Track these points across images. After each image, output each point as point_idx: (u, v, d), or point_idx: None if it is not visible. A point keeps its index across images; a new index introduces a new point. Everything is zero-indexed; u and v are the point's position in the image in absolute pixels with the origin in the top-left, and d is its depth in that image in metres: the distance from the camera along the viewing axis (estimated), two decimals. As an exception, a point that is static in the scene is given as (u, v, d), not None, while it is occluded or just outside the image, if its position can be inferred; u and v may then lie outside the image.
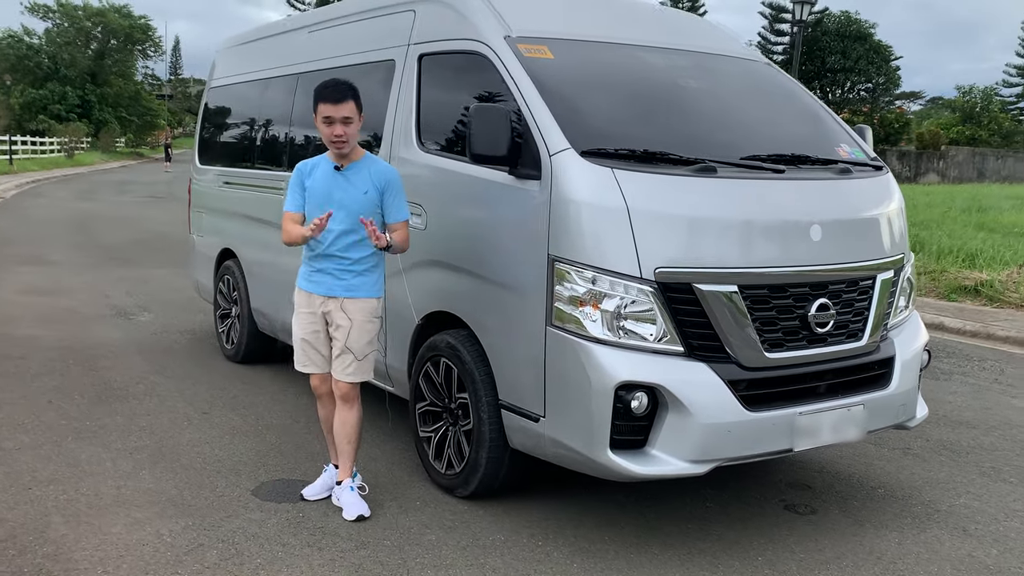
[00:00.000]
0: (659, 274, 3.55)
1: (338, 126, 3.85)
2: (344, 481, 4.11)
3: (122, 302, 9.09)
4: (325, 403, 4.24)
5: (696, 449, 3.57)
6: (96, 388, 5.95)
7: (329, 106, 3.84)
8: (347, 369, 4.01)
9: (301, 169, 4.08)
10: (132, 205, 21.84)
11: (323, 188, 3.96)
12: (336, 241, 3.94)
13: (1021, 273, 10.03)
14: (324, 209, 3.90)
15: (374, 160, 4.05)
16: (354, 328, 3.97)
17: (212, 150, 7.28)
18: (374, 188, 3.94)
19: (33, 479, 4.35)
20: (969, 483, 4.69)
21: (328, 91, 3.87)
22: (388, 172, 4.01)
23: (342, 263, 3.96)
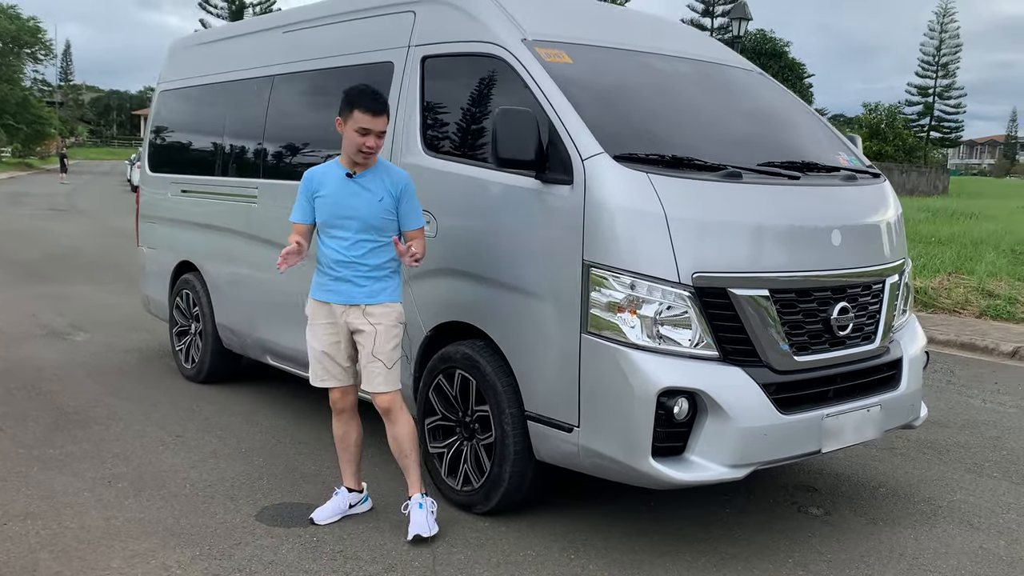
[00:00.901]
0: (696, 279, 3.53)
1: (372, 138, 3.67)
2: (414, 496, 3.89)
3: (52, 321, 8.52)
4: (344, 420, 4.03)
5: (735, 454, 3.54)
6: (50, 414, 5.52)
7: (368, 117, 3.65)
8: (377, 379, 3.81)
9: (309, 179, 3.88)
10: (33, 218, 20.64)
11: (337, 196, 3.78)
12: (352, 248, 3.77)
13: (951, 280, 10.55)
14: (341, 218, 3.75)
15: (387, 166, 3.89)
16: (379, 334, 3.78)
17: (166, 157, 6.90)
18: (389, 195, 3.78)
19: (5, 514, 3.97)
20: (959, 479, 4.84)
21: (368, 100, 3.67)
22: (404, 178, 3.84)
23: (360, 270, 3.78)
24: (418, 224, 3.85)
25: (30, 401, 5.78)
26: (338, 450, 4.09)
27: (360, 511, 4.12)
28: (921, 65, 77.82)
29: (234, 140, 5.98)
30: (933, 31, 77.01)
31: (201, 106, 6.45)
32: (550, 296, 3.74)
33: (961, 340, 8.58)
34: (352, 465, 4.09)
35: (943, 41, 76.48)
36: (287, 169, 5.43)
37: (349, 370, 3.95)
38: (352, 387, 3.99)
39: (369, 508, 4.16)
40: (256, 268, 5.63)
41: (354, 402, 4.02)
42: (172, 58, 7.09)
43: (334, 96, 5.14)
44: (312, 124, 5.33)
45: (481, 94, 4.22)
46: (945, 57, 76.73)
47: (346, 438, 4.04)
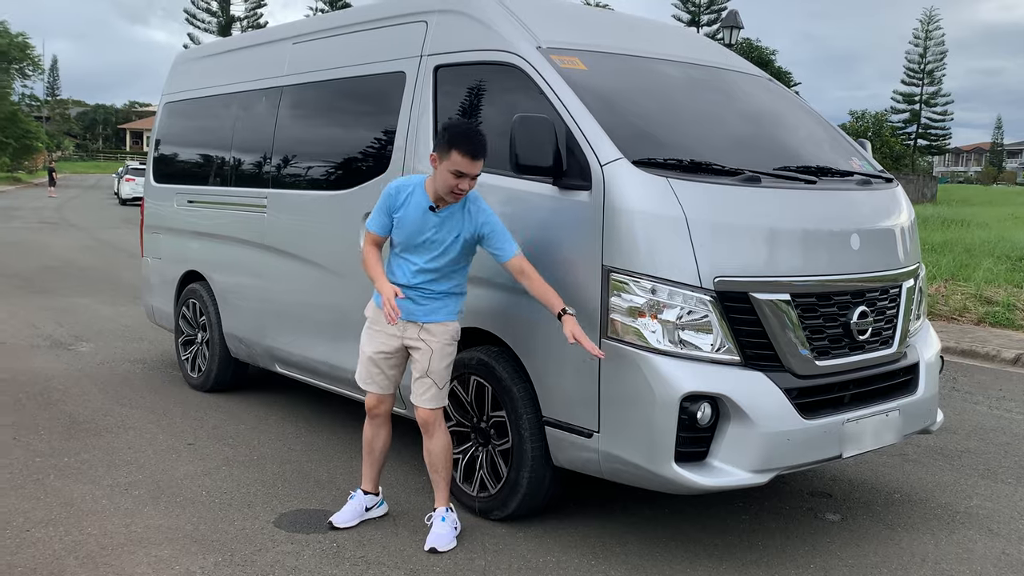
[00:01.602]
0: (718, 283, 3.55)
1: (466, 181, 3.59)
2: (439, 509, 3.89)
3: (54, 332, 8.48)
4: (375, 425, 4.03)
5: (758, 459, 3.55)
6: (61, 423, 5.50)
7: (467, 161, 3.54)
8: (425, 395, 3.80)
9: (392, 193, 3.76)
10: (26, 231, 20.55)
11: (415, 223, 3.71)
12: (420, 275, 3.76)
13: (947, 287, 10.62)
14: (414, 242, 3.72)
15: (473, 200, 3.74)
16: (435, 354, 3.78)
17: (172, 168, 6.89)
18: (469, 233, 3.70)
19: (28, 520, 3.95)
20: (974, 485, 4.86)
21: (469, 142, 3.55)
22: (482, 216, 3.70)
23: (424, 292, 3.78)
24: (513, 251, 3.68)
25: (40, 411, 5.75)
26: (364, 452, 4.08)
27: (376, 514, 4.12)
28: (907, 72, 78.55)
29: (243, 151, 5.98)
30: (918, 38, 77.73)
31: (208, 117, 6.45)
32: (568, 301, 3.74)
33: (961, 347, 8.64)
34: (374, 469, 4.09)
35: (928, 48, 77.19)
36: (297, 179, 5.44)
37: (392, 379, 3.94)
38: (390, 396, 3.98)
39: (385, 512, 4.16)
40: (265, 277, 5.63)
41: (388, 409, 4.02)
42: (177, 70, 7.09)
43: (345, 107, 5.22)
44: (322, 135, 5.34)
45: (496, 102, 4.24)
46: (930, 64, 77.41)
47: (374, 442, 4.04)
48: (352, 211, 4.86)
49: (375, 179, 4.75)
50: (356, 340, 4.85)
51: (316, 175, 5.29)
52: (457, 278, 3.83)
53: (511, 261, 3.67)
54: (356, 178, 4.92)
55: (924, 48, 77.28)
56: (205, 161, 6.45)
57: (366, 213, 4.73)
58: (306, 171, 5.39)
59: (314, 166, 5.33)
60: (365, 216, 4.73)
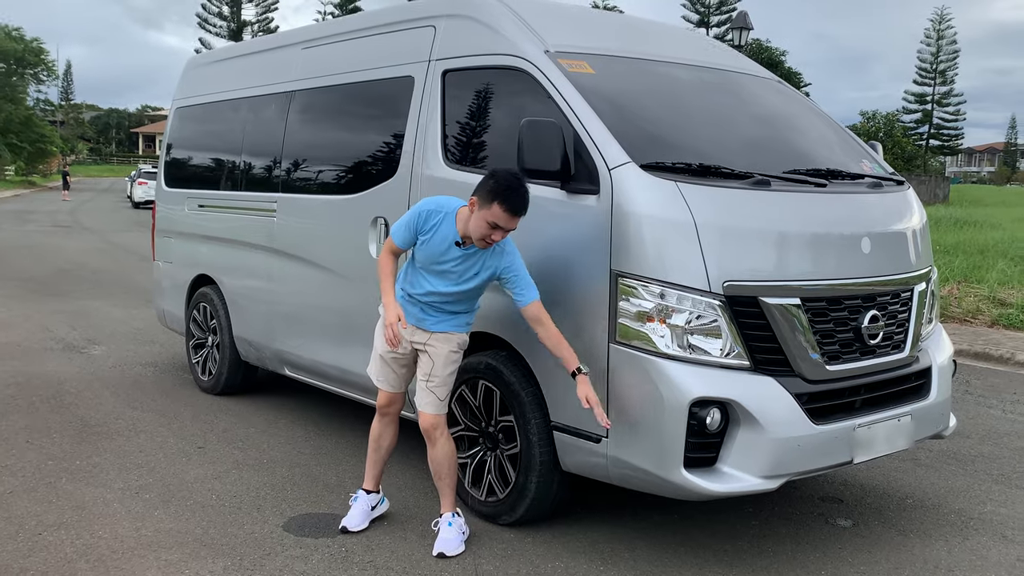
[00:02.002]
0: (727, 287, 3.53)
1: (500, 233, 3.57)
2: (445, 514, 3.89)
3: (67, 335, 8.53)
4: (384, 422, 4.05)
5: (768, 464, 3.54)
6: (73, 426, 5.53)
7: (507, 216, 3.50)
8: (427, 399, 3.82)
9: (423, 214, 3.70)
10: (40, 235, 20.70)
11: (438, 254, 3.70)
12: (433, 294, 3.78)
13: (961, 289, 10.54)
14: (434, 267, 3.72)
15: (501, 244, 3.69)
16: (439, 361, 3.80)
17: (183, 172, 6.92)
18: (488, 272, 3.70)
19: (40, 524, 3.97)
20: (987, 491, 4.82)
21: (513, 200, 3.49)
22: (507, 259, 3.66)
23: (436, 308, 3.81)
24: (532, 297, 3.62)
25: (53, 414, 5.78)
26: (369, 449, 4.09)
27: (381, 511, 4.15)
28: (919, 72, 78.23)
29: (253, 155, 6.00)
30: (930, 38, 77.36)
31: (219, 122, 6.47)
32: (577, 306, 3.74)
33: (975, 350, 8.57)
34: (377, 467, 4.10)
35: (940, 48, 76.80)
36: (306, 184, 5.45)
37: (403, 378, 3.98)
38: (400, 395, 4.02)
39: (387, 508, 4.18)
40: (274, 281, 5.65)
41: (398, 409, 4.04)
42: (188, 75, 7.13)
43: (354, 111, 5.23)
44: (331, 139, 5.36)
45: (504, 106, 4.24)
46: (943, 64, 77.03)
47: (381, 439, 4.06)
48: (360, 216, 4.87)
49: (383, 184, 4.76)
50: (364, 344, 4.86)
51: (325, 179, 5.30)
52: (471, 301, 3.86)
53: (528, 307, 3.62)
54: (365, 183, 4.93)
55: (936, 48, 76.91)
56: (215, 165, 6.47)
57: (375, 218, 4.75)
58: (315, 175, 5.40)
59: (323, 170, 5.34)
60: (374, 221, 4.75)
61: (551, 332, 3.59)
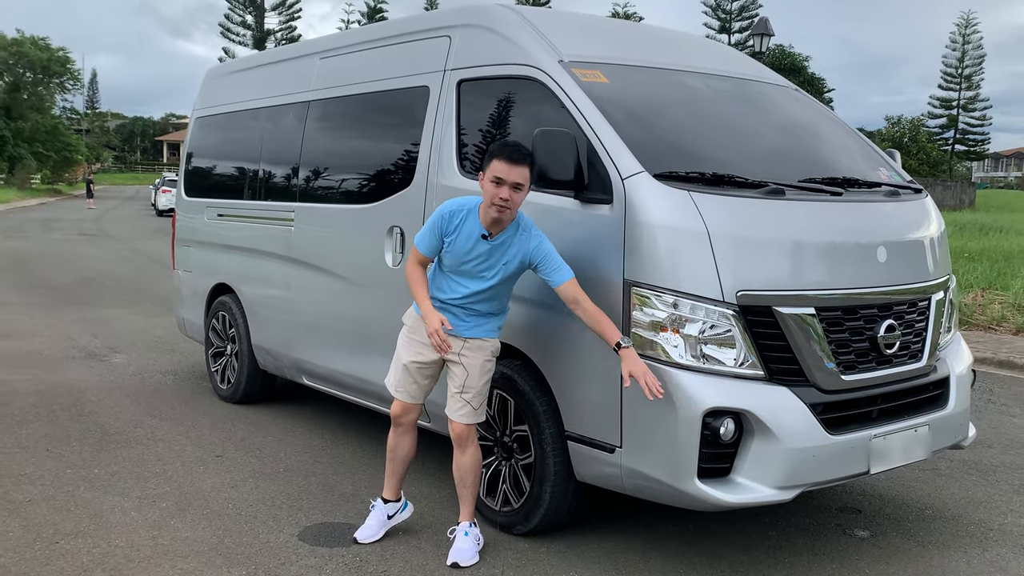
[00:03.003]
0: (741, 297, 3.51)
1: (506, 189, 3.53)
2: (462, 523, 3.89)
3: (88, 343, 8.63)
4: (399, 432, 4.02)
5: (783, 475, 3.51)
6: (92, 434, 5.59)
7: (504, 165, 3.53)
8: (461, 411, 3.79)
9: (445, 216, 3.71)
10: (65, 243, 20.97)
11: (465, 252, 3.69)
12: (465, 297, 3.76)
13: (985, 296, 10.41)
14: (463, 266, 3.71)
15: (526, 227, 3.70)
16: (474, 371, 3.77)
17: (203, 182, 6.99)
18: (517, 260, 3.67)
19: (57, 532, 4.02)
20: (1008, 501, 4.75)
21: (507, 149, 3.56)
22: (534, 241, 3.65)
23: (469, 311, 3.79)
24: (566, 277, 3.60)
25: (73, 422, 5.85)
26: (387, 459, 4.07)
27: (402, 519, 4.12)
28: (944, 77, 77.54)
29: (271, 165, 6.05)
30: (955, 42, 76.62)
31: (237, 132, 6.54)
32: (592, 316, 3.73)
33: (999, 358, 8.46)
34: (395, 478, 4.08)
35: (966, 52, 76.07)
36: (323, 193, 5.49)
37: (423, 388, 3.94)
38: (416, 406, 3.98)
39: (410, 514, 4.15)
40: (292, 290, 5.68)
41: (414, 419, 4.01)
42: (207, 85, 7.20)
43: (370, 121, 5.26)
44: (348, 149, 5.39)
45: (518, 116, 4.25)
46: (968, 68, 76.27)
47: (397, 449, 4.03)
48: (377, 225, 4.89)
49: (399, 193, 4.78)
50: (380, 353, 4.89)
51: (342, 189, 5.33)
52: (502, 298, 3.84)
53: (564, 287, 3.59)
54: (381, 192, 4.96)
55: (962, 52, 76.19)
56: (234, 175, 6.53)
57: (391, 227, 4.77)
58: (332, 185, 5.44)
59: (340, 180, 5.38)
60: (390, 230, 4.77)
61: (590, 310, 3.54)
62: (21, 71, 54.73)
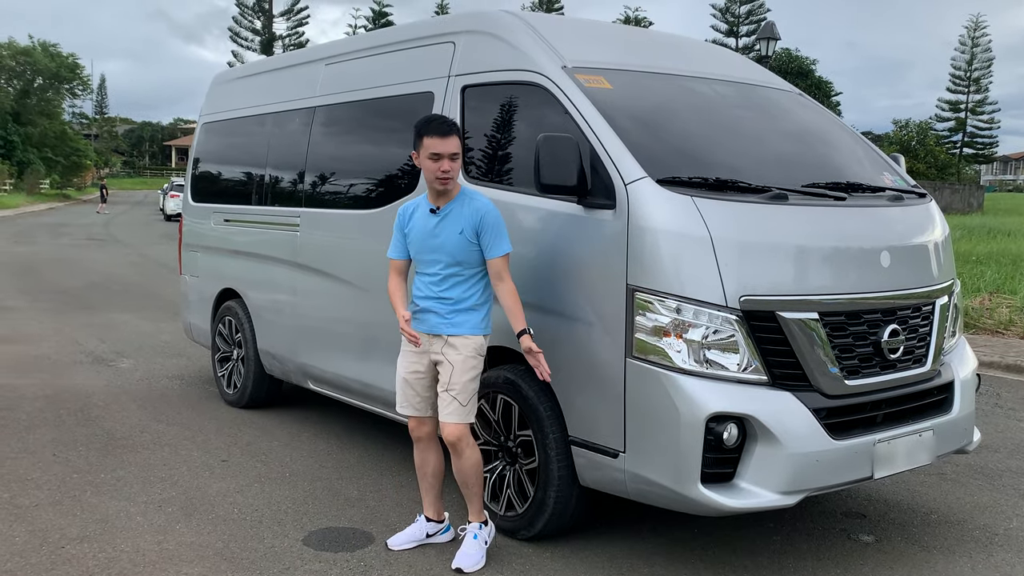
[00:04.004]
0: (744, 302, 3.52)
1: (445, 162, 3.67)
2: (472, 524, 3.88)
3: (96, 348, 8.67)
4: (421, 448, 4.00)
5: (786, 480, 3.50)
6: (99, 439, 5.61)
7: (437, 140, 3.66)
8: (448, 409, 3.78)
9: (401, 214, 3.92)
10: (73, 248, 21.07)
11: (421, 233, 3.81)
12: (439, 283, 3.79)
13: (993, 300, 10.38)
14: (427, 253, 3.79)
15: (470, 195, 3.80)
16: (456, 367, 3.77)
17: (209, 187, 7.02)
18: (469, 227, 3.73)
19: (63, 536, 4.04)
20: (1014, 506, 4.74)
21: (434, 125, 3.69)
22: (481, 209, 3.74)
23: (446, 303, 3.79)
24: (499, 252, 3.71)
25: (80, 427, 5.88)
26: (418, 477, 4.07)
27: (440, 541, 4.08)
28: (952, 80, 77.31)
29: (276, 170, 6.08)
30: (964, 45, 76.40)
31: (243, 137, 6.57)
32: (594, 321, 3.74)
33: (1006, 362, 8.43)
34: (430, 494, 4.06)
35: (974, 55, 75.84)
36: (328, 198, 5.51)
37: (427, 400, 3.92)
38: (429, 418, 3.95)
39: (450, 539, 4.10)
40: (298, 295, 5.71)
41: (431, 432, 3.97)
42: (214, 91, 7.24)
43: (375, 126, 5.28)
44: (353, 155, 5.41)
45: (522, 121, 4.26)
46: (977, 71, 76.04)
47: (423, 466, 4.02)
48: (382, 230, 4.90)
49: (404, 198, 4.79)
50: (385, 358, 4.91)
51: (347, 194, 5.36)
52: (475, 286, 3.81)
53: (494, 260, 3.72)
54: (385, 197, 4.98)
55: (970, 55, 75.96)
56: (240, 181, 6.56)
57: (395, 232, 4.78)
58: (337, 190, 5.46)
59: (345, 186, 5.40)
60: (394, 235, 4.79)
61: (507, 288, 3.72)
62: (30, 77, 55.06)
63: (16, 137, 51.27)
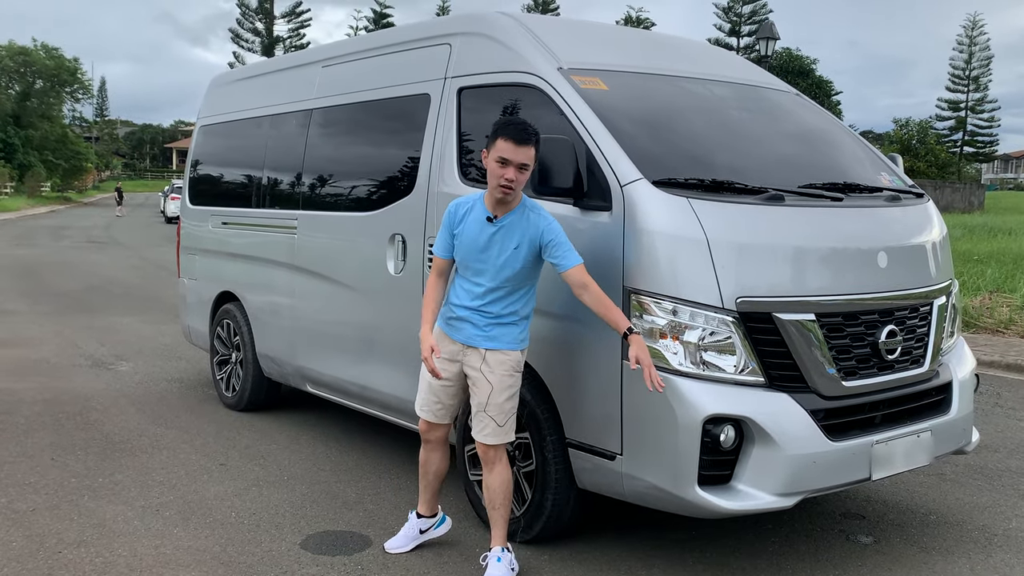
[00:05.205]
0: (740, 304, 3.51)
1: (511, 170, 3.45)
2: (494, 548, 3.74)
3: (95, 351, 8.67)
4: (428, 449, 3.94)
5: (783, 482, 3.49)
6: (97, 443, 5.61)
7: (511, 145, 3.44)
8: (484, 430, 3.67)
9: (452, 211, 3.69)
10: (74, 251, 21.08)
11: (473, 239, 3.61)
12: (482, 297, 3.62)
13: (993, 299, 10.36)
14: (475, 257, 3.61)
15: (532, 207, 3.61)
16: (495, 389, 3.60)
17: (207, 190, 7.02)
18: (527, 242, 3.54)
19: (60, 541, 4.03)
20: (1013, 506, 4.73)
21: (512, 128, 3.47)
22: (542, 223, 3.54)
23: (485, 316, 3.63)
24: (573, 263, 3.50)
25: (79, 431, 5.87)
26: (420, 475, 4.03)
27: (435, 535, 4.07)
28: (951, 79, 77.26)
29: (274, 173, 6.07)
30: (962, 44, 76.36)
31: (241, 140, 6.56)
32: (591, 323, 3.72)
33: (1006, 361, 8.42)
34: (427, 493, 4.03)
35: (973, 54, 75.83)
36: (325, 201, 5.51)
37: (448, 408, 3.83)
38: (443, 425, 3.87)
39: (445, 531, 4.09)
40: (296, 297, 5.70)
41: (442, 437, 3.90)
42: (211, 94, 7.24)
43: (372, 128, 5.27)
44: (350, 157, 5.41)
45: (518, 123, 4.24)
46: (976, 70, 76.02)
47: (427, 465, 3.97)
48: (379, 233, 4.90)
49: (401, 201, 4.79)
50: (383, 360, 4.91)
51: (344, 197, 5.35)
52: (521, 300, 3.66)
53: (572, 271, 3.49)
54: (383, 200, 4.97)
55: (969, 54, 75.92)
56: (238, 183, 6.55)
57: (393, 234, 4.78)
58: (334, 193, 5.46)
59: (342, 188, 5.39)
60: (392, 238, 4.78)
61: (596, 296, 3.46)
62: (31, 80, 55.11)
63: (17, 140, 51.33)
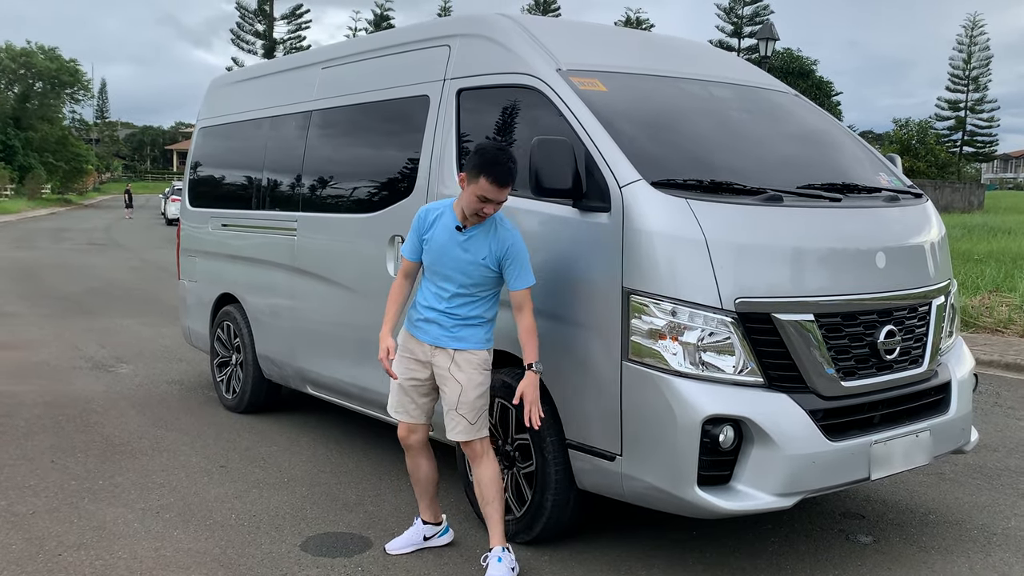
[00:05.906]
0: (739, 304, 3.51)
1: (491, 207, 3.57)
2: (495, 548, 3.75)
3: (96, 354, 8.67)
4: (412, 455, 3.97)
5: (783, 482, 3.50)
6: (97, 445, 5.61)
7: (494, 188, 3.51)
8: (456, 428, 3.73)
9: (422, 216, 3.77)
10: (74, 253, 21.08)
11: (442, 246, 3.69)
12: (449, 300, 3.72)
13: (992, 298, 10.36)
14: (442, 264, 3.69)
15: (499, 221, 3.69)
16: (464, 389, 3.69)
17: (207, 192, 7.03)
18: (492, 255, 3.64)
19: (60, 544, 4.04)
20: (1012, 505, 4.73)
21: (499, 170, 3.50)
22: (508, 239, 3.64)
23: (452, 318, 3.72)
24: (524, 284, 3.63)
25: (79, 433, 5.88)
26: (412, 483, 4.06)
27: (438, 544, 4.07)
28: (951, 79, 77.26)
29: (273, 174, 6.08)
30: (962, 44, 76.35)
31: (241, 142, 6.57)
32: (590, 324, 3.74)
33: (1006, 360, 8.42)
34: (425, 499, 4.05)
35: (972, 54, 75.82)
36: (325, 203, 5.51)
37: (422, 407, 3.88)
38: (421, 425, 3.92)
39: (448, 541, 4.09)
40: (296, 299, 5.71)
41: (421, 439, 3.94)
42: (211, 96, 7.24)
43: (371, 130, 5.28)
44: (349, 159, 5.41)
45: (517, 124, 4.26)
46: (975, 70, 76.00)
47: (416, 473, 4.00)
48: (378, 234, 4.91)
49: (401, 202, 4.80)
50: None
51: (344, 198, 5.36)
52: (486, 304, 3.76)
53: (519, 292, 3.63)
54: (382, 201, 4.98)
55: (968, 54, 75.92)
56: (238, 185, 6.56)
57: (392, 236, 4.79)
58: (334, 195, 5.46)
59: (342, 190, 5.40)
60: (391, 239, 4.79)
61: (526, 323, 3.63)
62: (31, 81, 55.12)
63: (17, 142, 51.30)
